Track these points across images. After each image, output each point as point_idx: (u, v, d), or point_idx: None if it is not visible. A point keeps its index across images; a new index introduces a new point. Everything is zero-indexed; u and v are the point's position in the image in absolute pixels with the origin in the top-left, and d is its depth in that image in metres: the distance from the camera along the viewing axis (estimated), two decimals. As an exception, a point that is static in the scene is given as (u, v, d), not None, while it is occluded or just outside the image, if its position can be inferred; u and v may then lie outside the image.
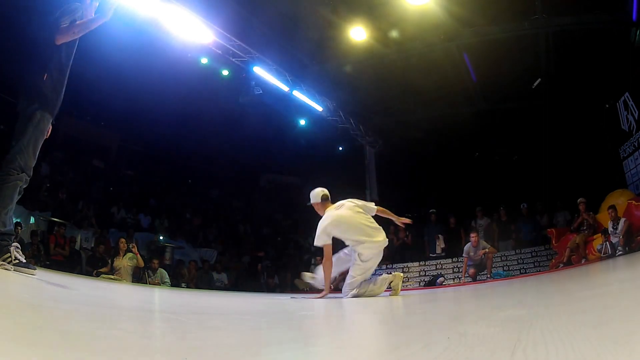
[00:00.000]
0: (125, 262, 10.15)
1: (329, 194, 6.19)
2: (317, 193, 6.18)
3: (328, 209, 5.98)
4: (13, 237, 3.69)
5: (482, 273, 11.24)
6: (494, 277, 11.09)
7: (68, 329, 1.46)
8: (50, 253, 10.28)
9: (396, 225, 6.89)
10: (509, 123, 14.54)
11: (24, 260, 3.61)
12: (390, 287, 5.75)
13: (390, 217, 6.26)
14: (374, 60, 12.53)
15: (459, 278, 11.87)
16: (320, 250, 6.04)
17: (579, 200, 11.21)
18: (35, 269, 3.64)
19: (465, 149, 16.27)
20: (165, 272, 11.22)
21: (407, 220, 6.35)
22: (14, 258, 3.53)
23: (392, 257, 12.95)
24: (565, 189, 12.80)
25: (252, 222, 18.34)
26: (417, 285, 12.55)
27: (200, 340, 1.61)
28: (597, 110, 13.34)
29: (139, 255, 10.44)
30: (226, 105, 13.68)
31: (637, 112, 11.33)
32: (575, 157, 13.27)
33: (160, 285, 10.56)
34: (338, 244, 5.97)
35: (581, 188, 11.92)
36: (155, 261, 11.22)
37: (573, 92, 13.02)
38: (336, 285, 12.48)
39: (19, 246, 3.68)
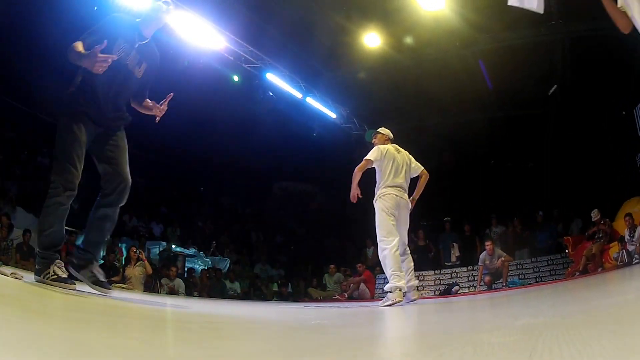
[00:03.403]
0: (136, 271, 10.21)
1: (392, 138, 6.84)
2: (389, 131, 6.86)
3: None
4: (56, 253, 3.69)
5: (498, 281, 11.15)
6: (510, 285, 11.00)
7: (81, 338, 1.46)
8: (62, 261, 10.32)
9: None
10: (525, 130, 14.43)
11: (64, 276, 3.59)
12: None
13: (417, 190, 6.59)
14: (388, 67, 12.50)
15: (475, 287, 11.79)
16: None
17: (592, 212, 11.13)
18: (74, 283, 3.61)
19: (481, 156, 16.17)
20: (182, 283, 11.27)
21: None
22: (52, 273, 3.54)
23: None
24: (582, 196, 12.68)
25: (265, 230, 18.34)
26: (433, 294, 12.46)
27: (215, 349, 1.61)
28: (613, 117, 13.21)
29: (147, 261, 10.51)
30: (239, 112, 13.71)
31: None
32: (592, 164, 13.15)
33: (178, 293, 10.61)
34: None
35: (597, 196, 11.80)
36: (173, 268, 11.28)
37: (589, 99, 12.90)
38: (350, 294, 12.51)
39: (62, 263, 3.69)
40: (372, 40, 11.50)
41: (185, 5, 9.79)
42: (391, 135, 6.81)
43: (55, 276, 3.54)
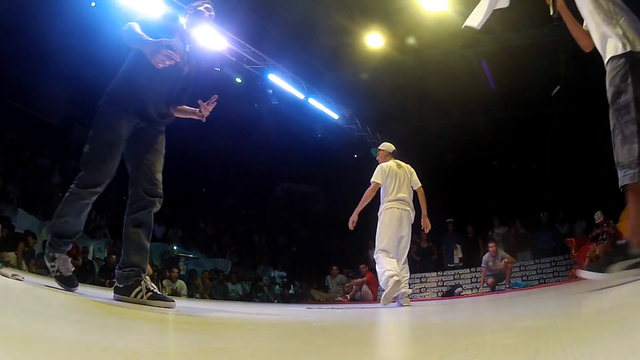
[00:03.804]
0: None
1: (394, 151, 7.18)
2: (390, 145, 7.19)
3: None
4: (65, 245, 3.49)
5: (501, 283, 11.13)
6: (513, 287, 10.98)
7: (81, 340, 1.46)
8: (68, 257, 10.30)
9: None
10: (528, 131, 14.41)
11: (68, 275, 3.45)
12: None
13: (422, 208, 6.93)
14: (391, 68, 12.49)
15: (477, 288, 11.77)
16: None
17: (596, 214, 11.10)
18: (76, 286, 3.47)
19: (484, 158, 16.14)
20: (184, 284, 11.26)
21: (427, 227, 6.90)
22: (57, 270, 3.41)
23: (409, 266, 12.85)
24: (585, 197, 12.65)
25: (267, 231, 18.33)
26: (435, 295, 12.44)
27: (215, 350, 1.59)
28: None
29: None
30: (241, 113, 13.71)
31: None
32: (595, 165, 13.11)
33: (180, 295, 10.59)
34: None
35: (601, 197, 11.76)
36: (175, 270, 11.28)
37: (593, 100, 12.84)
38: (352, 296, 12.50)
39: (68, 258, 3.51)
40: (374, 41, 11.49)
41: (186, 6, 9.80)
42: (392, 149, 7.14)
43: (59, 274, 3.43)
